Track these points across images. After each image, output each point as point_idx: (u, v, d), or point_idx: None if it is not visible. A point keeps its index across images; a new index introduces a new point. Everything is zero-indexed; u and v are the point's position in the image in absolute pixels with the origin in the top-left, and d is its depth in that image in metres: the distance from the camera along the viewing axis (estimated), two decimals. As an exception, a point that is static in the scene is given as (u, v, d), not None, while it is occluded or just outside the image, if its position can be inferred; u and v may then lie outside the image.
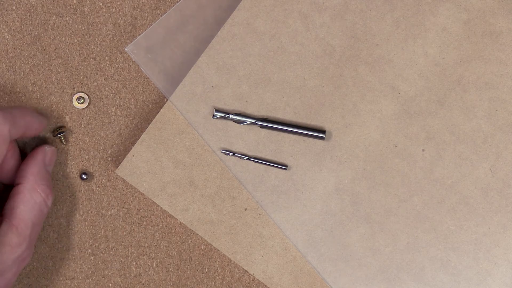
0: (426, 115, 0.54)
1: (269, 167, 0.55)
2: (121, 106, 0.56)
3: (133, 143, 0.56)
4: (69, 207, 0.56)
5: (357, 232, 0.55)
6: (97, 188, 0.56)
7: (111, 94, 0.56)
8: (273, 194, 0.55)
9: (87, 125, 0.56)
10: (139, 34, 0.56)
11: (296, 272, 0.55)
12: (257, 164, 0.55)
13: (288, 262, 0.55)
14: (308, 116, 0.55)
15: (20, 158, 0.53)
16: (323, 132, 0.54)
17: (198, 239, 0.56)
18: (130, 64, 0.56)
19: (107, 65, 0.56)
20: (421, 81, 0.54)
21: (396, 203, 0.54)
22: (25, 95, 0.56)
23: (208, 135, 0.55)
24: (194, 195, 0.55)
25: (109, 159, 0.56)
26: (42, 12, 0.56)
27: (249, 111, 0.55)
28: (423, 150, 0.54)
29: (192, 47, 0.55)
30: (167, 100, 0.55)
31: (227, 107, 0.55)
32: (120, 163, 0.56)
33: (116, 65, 0.56)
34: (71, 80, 0.56)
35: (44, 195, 0.51)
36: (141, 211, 0.56)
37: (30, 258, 0.51)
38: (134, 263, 0.57)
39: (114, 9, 0.56)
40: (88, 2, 0.56)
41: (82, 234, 0.57)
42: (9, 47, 0.56)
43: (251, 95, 0.55)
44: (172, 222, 0.56)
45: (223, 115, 0.54)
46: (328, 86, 0.54)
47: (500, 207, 0.54)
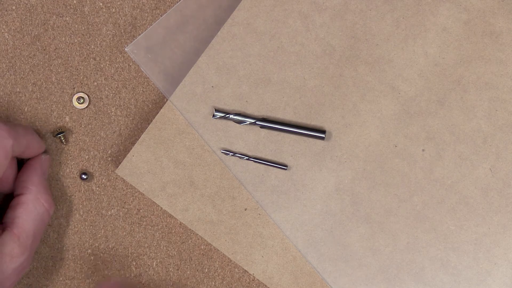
0: (426, 115, 0.54)
1: (269, 167, 0.55)
2: (121, 106, 0.56)
3: (133, 143, 0.56)
4: (69, 207, 0.56)
5: (357, 232, 0.55)
6: (97, 188, 0.56)
7: (111, 94, 0.56)
8: (273, 194, 0.55)
9: (87, 125, 0.56)
10: (139, 34, 0.56)
11: (296, 272, 0.55)
12: (257, 164, 0.55)
13: (288, 262, 0.55)
14: (308, 116, 0.55)
15: (17, 167, 0.53)
16: (323, 132, 0.54)
17: (198, 239, 0.56)
18: (130, 64, 0.56)
19: (107, 65, 0.56)
20: (421, 81, 0.54)
21: (396, 203, 0.54)
22: (25, 95, 0.56)
23: (208, 135, 0.55)
24: (194, 195, 0.55)
25: (109, 159, 0.56)
26: (42, 12, 0.56)
27: (249, 111, 0.55)
28: (423, 150, 0.54)
29: (192, 47, 0.55)
30: (167, 100, 0.55)
31: (227, 107, 0.55)
32: (120, 163, 0.56)
33: (116, 65, 0.56)
34: (71, 80, 0.56)
35: (47, 205, 0.51)
36: (141, 211, 0.56)
37: (29, 267, 0.51)
38: (134, 263, 0.57)
39: (114, 9, 0.56)
40: (88, 2, 0.56)
41: (82, 234, 0.57)
42: (9, 47, 0.56)
43: (251, 95, 0.55)
44: (172, 222, 0.56)
45: (223, 115, 0.54)
46: (328, 86, 0.54)
47: (500, 207, 0.54)
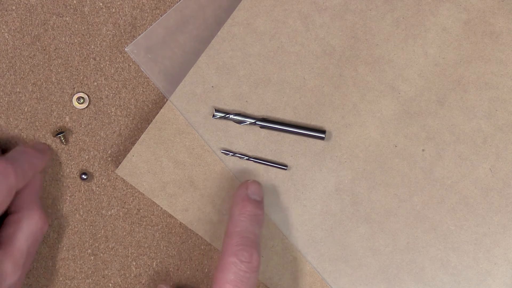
0: (426, 115, 0.54)
1: (269, 167, 0.55)
2: (121, 106, 0.56)
3: (133, 143, 0.56)
4: (69, 207, 0.56)
5: (357, 232, 0.55)
6: (97, 188, 0.56)
7: (111, 94, 0.56)
8: (273, 194, 0.55)
9: (87, 125, 0.56)
10: (139, 34, 0.56)
11: (296, 272, 0.55)
12: (257, 164, 0.55)
13: (288, 262, 0.55)
14: (308, 116, 0.55)
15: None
16: (323, 132, 0.54)
17: (198, 239, 0.56)
18: (130, 64, 0.56)
19: (107, 65, 0.56)
20: (421, 81, 0.54)
21: (396, 203, 0.54)
22: (25, 95, 0.56)
23: (208, 135, 0.55)
24: (194, 195, 0.55)
25: (109, 159, 0.56)
26: (42, 12, 0.56)
27: (249, 111, 0.55)
28: (423, 150, 0.54)
29: (192, 47, 0.55)
30: (167, 100, 0.55)
31: (227, 107, 0.55)
32: (120, 163, 0.56)
33: (116, 65, 0.56)
34: (71, 80, 0.56)
35: (40, 223, 0.51)
36: (141, 211, 0.56)
37: (21, 284, 0.51)
38: (134, 263, 0.57)
39: (114, 9, 0.56)
40: (88, 2, 0.56)
41: (82, 234, 0.56)
42: (9, 47, 0.56)
43: (251, 95, 0.55)
44: (172, 222, 0.56)
45: (223, 115, 0.54)
46: (328, 86, 0.54)
47: (500, 207, 0.54)
